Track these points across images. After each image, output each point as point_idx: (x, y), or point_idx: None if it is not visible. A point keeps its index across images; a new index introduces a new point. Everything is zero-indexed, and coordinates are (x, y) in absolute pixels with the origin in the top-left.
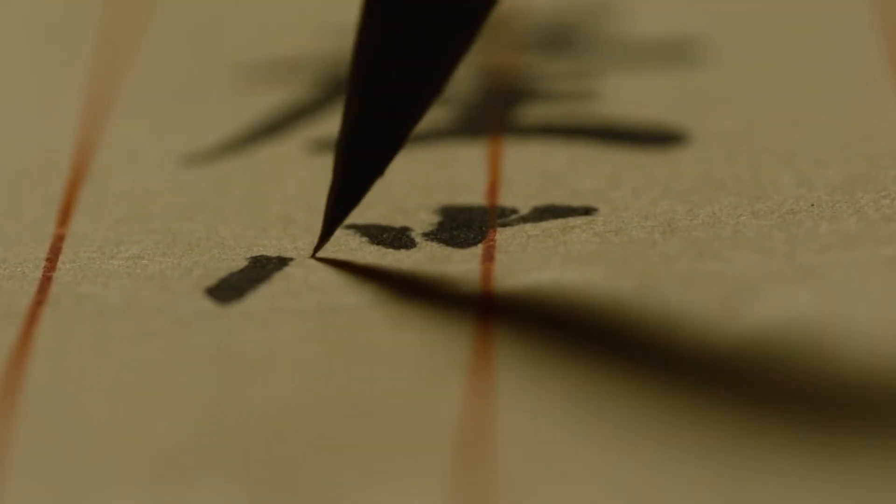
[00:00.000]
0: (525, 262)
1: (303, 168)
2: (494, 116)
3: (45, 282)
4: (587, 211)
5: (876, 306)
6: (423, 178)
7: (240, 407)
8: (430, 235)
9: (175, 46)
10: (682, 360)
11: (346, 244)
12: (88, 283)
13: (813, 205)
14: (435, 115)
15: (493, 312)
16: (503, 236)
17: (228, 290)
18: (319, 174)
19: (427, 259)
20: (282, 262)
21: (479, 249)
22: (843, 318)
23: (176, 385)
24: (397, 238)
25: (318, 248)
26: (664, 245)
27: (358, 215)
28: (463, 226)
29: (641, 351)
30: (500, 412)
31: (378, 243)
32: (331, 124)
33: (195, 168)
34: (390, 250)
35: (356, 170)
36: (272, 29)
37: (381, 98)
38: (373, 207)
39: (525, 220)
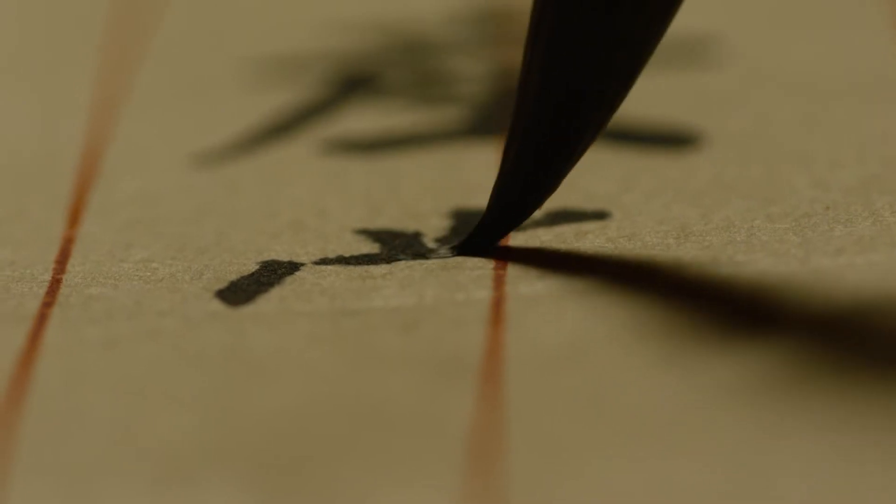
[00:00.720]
0: (538, 268)
1: (313, 170)
2: (506, 117)
3: (55, 284)
4: (600, 215)
5: (890, 310)
6: (434, 181)
7: (248, 408)
8: (443, 240)
9: (184, 45)
10: (694, 366)
11: (357, 250)
12: (98, 285)
13: (828, 208)
14: (446, 117)
15: (504, 317)
16: (516, 241)
17: (238, 292)
18: (329, 176)
19: (439, 264)
20: (293, 266)
21: (492, 255)
22: (857, 322)
23: (184, 385)
24: (410, 243)
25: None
26: (678, 250)
27: (370, 220)
28: (476, 229)
29: (652, 356)
30: (510, 417)
31: (391, 248)
32: (340, 124)
33: (205, 170)
34: (403, 255)
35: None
36: (282, 27)
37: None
38: (385, 212)
39: (538, 224)
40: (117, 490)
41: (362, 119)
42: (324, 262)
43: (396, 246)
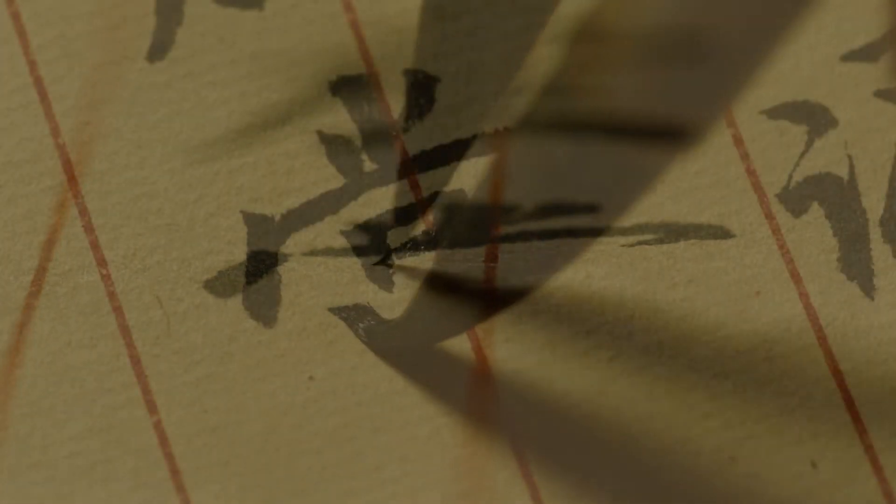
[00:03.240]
0: (529, 262)
1: (305, 164)
2: (499, 111)
3: (41, 272)
4: (591, 208)
5: (884, 305)
6: (426, 174)
7: (236, 405)
8: (434, 233)
9: (179, 39)
10: (687, 364)
11: (348, 243)
12: (85, 274)
13: (823, 214)
14: (436, 115)
15: (495, 313)
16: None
17: (227, 284)
18: (320, 170)
19: (429, 258)
20: (283, 258)
21: (482, 249)
22: (846, 318)
23: (171, 380)
24: (400, 237)
25: None
26: (670, 245)
27: (361, 213)
28: (467, 224)
29: (646, 353)
30: (500, 415)
31: (381, 242)
32: (333, 120)
33: (196, 162)
34: (393, 248)
35: None
36: (279, 23)
37: None
38: (377, 205)
39: (529, 218)
40: (103, 489)
41: (354, 115)
42: (313, 253)
43: (387, 240)
